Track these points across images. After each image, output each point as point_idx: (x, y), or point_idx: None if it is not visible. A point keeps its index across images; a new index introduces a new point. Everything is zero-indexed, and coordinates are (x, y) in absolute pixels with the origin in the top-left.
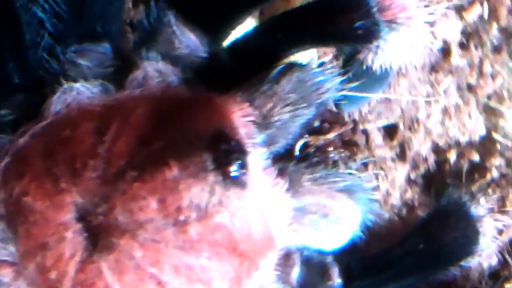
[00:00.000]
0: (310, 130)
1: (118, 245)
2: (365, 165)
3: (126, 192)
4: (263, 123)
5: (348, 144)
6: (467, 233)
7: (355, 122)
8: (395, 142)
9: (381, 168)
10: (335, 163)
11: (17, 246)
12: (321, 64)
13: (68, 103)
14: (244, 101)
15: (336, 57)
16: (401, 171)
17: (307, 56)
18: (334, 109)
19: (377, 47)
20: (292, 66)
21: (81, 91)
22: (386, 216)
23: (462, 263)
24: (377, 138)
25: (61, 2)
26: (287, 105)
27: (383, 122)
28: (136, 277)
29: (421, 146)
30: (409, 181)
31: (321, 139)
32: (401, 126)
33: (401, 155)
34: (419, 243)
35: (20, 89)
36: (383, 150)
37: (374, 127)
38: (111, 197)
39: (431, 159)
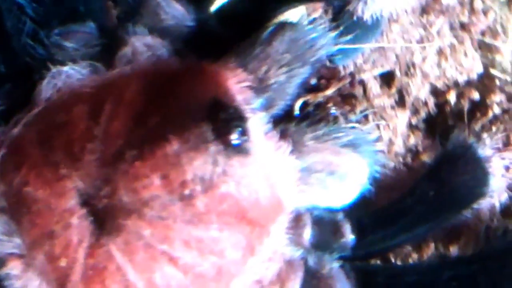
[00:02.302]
0: (307, 88)
1: (125, 225)
2: (365, 117)
3: (128, 172)
4: (260, 87)
5: (347, 98)
6: (476, 175)
7: (352, 75)
8: (393, 90)
9: (382, 117)
10: (336, 119)
11: (23, 238)
12: (312, 21)
13: (59, 88)
14: (237, 67)
15: (325, 12)
16: (402, 118)
17: (296, 13)
18: (329, 64)
19: None
20: (283, 25)
21: (70, 74)
22: (391, 165)
23: (474, 205)
24: (374, 87)
25: None
26: (282, 66)
27: (379, 70)
28: (147, 255)
29: (419, 90)
30: (411, 127)
31: (319, 96)
32: (397, 73)
33: (400, 102)
34: (429, 190)
35: (7, 78)
36: (381, 99)
37: (370, 77)
38: (113, 178)
39: (431, 102)
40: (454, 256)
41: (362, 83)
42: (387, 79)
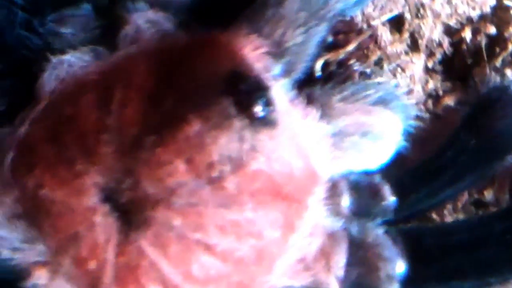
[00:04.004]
0: (326, 46)
1: (153, 218)
2: (380, 66)
3: (149, 160)
4: (278, 52)
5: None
6: None
7: (370, 26)
8: (405, 34)
9: (397, 65)
10: (361, 75)
11: (46, 244)
12: None
13: (62, 78)
14: (251, 33)
15: None
16: (418, 63)
17: None
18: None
19: None
20: None
21: (72, 62)
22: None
23: None
24: (385, 34)
25: None
26: (298, 26)
27: (388, 15)
28: (181, 247)
29: (432, 31)
30: (428, 71)
31: (340, 54)
32: (407, 16)
33: (414, 46)
34: (469, 139)
35: (6, 74)
36: (394, 46)
37: (379, 23)
38: (134, 169)
39: (446, 42)
40: (502, 208)
41: (372, 30)
42: (397, 24)
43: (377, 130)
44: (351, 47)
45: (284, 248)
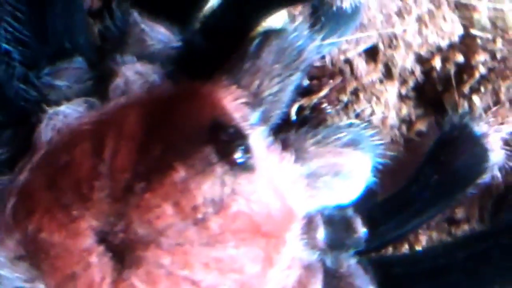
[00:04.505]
0: (301, 91)
1: (144, 257)
2: (356, 95)
3: (139, 205)
4: (255, 101)
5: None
6: (475, 153)
7: (342, 71)
8: (379, 64)
9: (372, 93)
10: (339, 103)
11: (46, 283)
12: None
13: (58, 128)
14: (230, 84)
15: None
16: (391, 90)
17: (278, 18)
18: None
19: None
20: (268, 35)
21: (67, 113)
22: (388, 138)
23: (477, 182)
24: (360, 64)
25: (23, 29)
26: (274, 77)
27: (363, 46)
28: (170, 283)
29: (405, 60)
30: (402, 98)
31: (314, 99)
32: (381, 46)
33: (388, 75)
34: (432, 175)
35: (6, 125)
36: (369, 75)
37: (355, 54)
38: (125, 213)
39: (418, 70)
40: (465, 235)
41: (348, 61)
42: (372, 54)
43: (347, 170)
44: (323, 92)
45: (264, 281)
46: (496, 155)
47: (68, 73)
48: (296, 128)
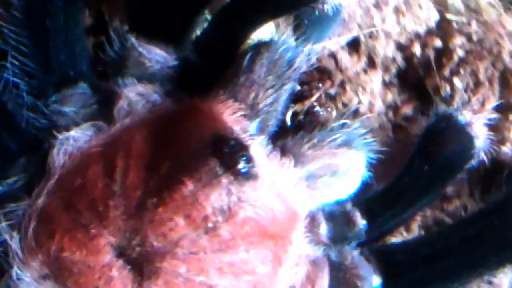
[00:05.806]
0: (294, 97)
1: (162, 267)
2: (342, 87)
3: (153, 219)
4: (252, 113)
5: (323, 73)
6: (461, 141)
7: (329, 74)
8: (362, 55)
9: (358, 83)
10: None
11: None
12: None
13: (70, 153)
14: (228, 98)
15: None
16: (376, 79)
17: (266, 30)
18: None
19: None
20: (258, 48)
21: (77, 138)
22: (376, 125)
23: (465, 167)
24: (344, 57)
25: (28, 62)
26: (268, 88)
27: (345, 39)
28: None
29: (386, 49)
30: (386, 85)
31: (306, 104)
32: (362, 38)
33: (371, 64)
34: (423, 165)
35: (20, 153)
36: (354, 67)
37: (338, 48)
38: (140, 227)
39: (399, 58)
40: (459, 220)
41: (333, 55)
42: (354, 46)
43: (343, 169)
44: (314, 97)
45: (275, 279)
46: (481, 141)
47: (74, 99)
48: (292, 134)
